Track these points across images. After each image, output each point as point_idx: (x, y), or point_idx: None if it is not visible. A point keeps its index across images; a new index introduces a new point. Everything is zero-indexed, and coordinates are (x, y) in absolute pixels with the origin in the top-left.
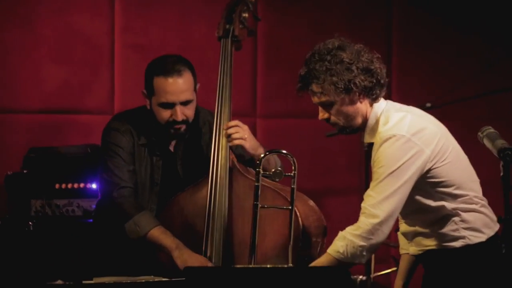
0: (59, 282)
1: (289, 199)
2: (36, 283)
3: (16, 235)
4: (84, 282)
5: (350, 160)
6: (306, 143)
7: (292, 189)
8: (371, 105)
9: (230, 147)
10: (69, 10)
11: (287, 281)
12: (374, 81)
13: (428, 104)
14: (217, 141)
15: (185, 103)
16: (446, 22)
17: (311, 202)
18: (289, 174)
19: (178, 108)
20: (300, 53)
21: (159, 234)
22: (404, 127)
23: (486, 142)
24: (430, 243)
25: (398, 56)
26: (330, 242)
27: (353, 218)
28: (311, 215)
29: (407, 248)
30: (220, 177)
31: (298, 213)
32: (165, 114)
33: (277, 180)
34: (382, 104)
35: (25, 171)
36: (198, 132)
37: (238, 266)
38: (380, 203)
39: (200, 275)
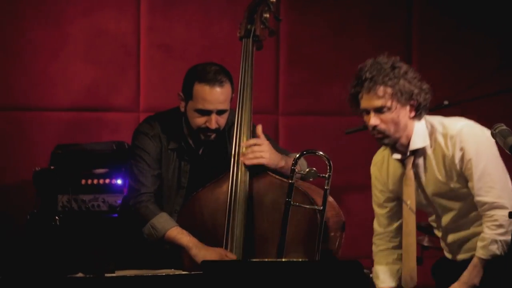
0: (80, 275)
1: (308, 196)
2: (57, 276)
3: (44, 229)
4: (106, 275)
5: (369, 157)
6: (326, 140)
7: (325, 190)
8: (412, 121)
9: None
10: (96, 10)
11: (303, 275)
12: (428, 99)
13: (446, 102)
14: (238, 138)
15: (220, 112)
16: (464, 21)
17: (330, 198)
18: (324, 175)
19: (214, 117)
20: (321, 52)
21: (176, 235)
22: (464, 119)
23: (498, 139)
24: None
25: (417, 55)
26: (349, 237)
27: (371, 214)
28: (330, 210)
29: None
30: (240, 173)
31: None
32: (200, 120)
33: (310, 179)
34: (422, 120)
35: (52, 167)
36: (226, 135)
37: (254, 259)
38: (502, 191)
39: (217, 269)
